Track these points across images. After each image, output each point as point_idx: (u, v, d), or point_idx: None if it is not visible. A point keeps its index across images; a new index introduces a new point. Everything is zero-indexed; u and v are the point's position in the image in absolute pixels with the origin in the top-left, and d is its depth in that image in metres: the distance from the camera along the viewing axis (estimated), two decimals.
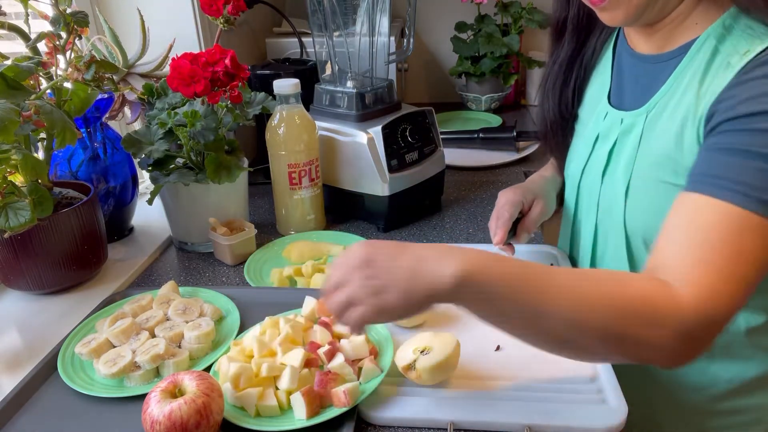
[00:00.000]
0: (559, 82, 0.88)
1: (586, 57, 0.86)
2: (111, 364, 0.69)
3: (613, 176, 0.77)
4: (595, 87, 0.85)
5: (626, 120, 0.75)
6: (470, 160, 1.39)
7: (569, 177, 0.89)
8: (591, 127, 0.83)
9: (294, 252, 0.97)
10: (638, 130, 0.73)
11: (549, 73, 0.89)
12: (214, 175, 0.91)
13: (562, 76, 0.87)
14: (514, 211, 0.86)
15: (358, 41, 1.05)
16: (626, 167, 0.74)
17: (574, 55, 0.86)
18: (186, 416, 0.57)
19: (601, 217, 0.81)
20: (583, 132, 0.86)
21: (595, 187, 0.81)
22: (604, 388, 0.66)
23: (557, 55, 0.87)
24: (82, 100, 0.87)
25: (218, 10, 0.96)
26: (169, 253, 1.05)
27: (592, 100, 0.85)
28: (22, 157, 0.78)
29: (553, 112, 0.89)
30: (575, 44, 0.85)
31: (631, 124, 0.75)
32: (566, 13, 0.83)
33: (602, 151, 0.79)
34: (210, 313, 0.79)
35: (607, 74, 0.82)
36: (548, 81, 0.89)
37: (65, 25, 0.84)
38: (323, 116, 1.08)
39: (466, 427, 0.62)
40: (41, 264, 0.85)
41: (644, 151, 0.72)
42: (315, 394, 0.63)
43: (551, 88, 0.89)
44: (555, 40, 0.87)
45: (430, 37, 1.94)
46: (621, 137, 0.76)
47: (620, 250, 0.77)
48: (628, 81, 0.78)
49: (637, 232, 0.74)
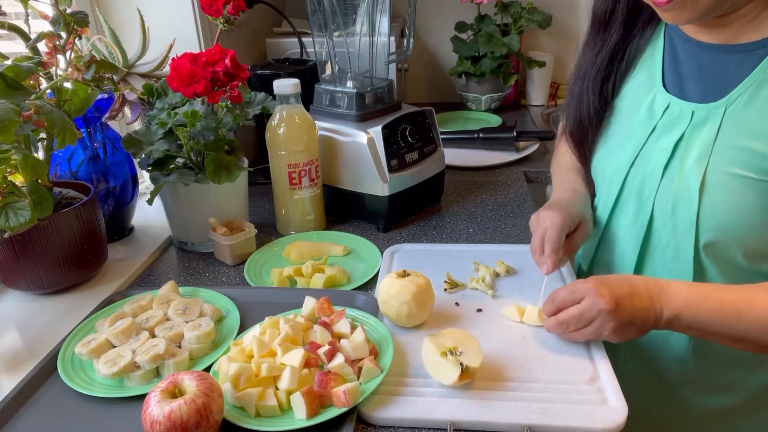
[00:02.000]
0: (601, 74, 0.84)
1: (633, 48, 0.83)
2: (111, 364, 0.69)
3: (680, 171, 0.73)
4: (641, 76, 0.81)
5: (699, 112, 0.72)
6: (470, 160, 1.39)
7: (608, 174, 0.84)
8: (642, 118, 0.79)
9: (294, 252, 0.97)
10: (715, 123, 0.70)
11: (589, 66, 0.85)
12: (214, 175, 0.91)
13: (605, 67, 0.84)
14: (563, 236, 0.80)
15: (358, 41, 1.05)
16: (699, 162, 0.71)
17: (618, 47, 0.83)
18: (186, 416, 0.57)
19: (659, 214, 0.77)
20: (627, 123, 0.82)
21: (652, 183, 0.77)
22: (604, 388, 0.66)
23: (600, 46, 0.83)
24: (82, 100, 0.87)
25: (218, 10, 0.96)
26: (169, 253, 1.05)
27: (636, 90, 0.82)
28: (22, 157, 0.78)
29: (592, 106, 0.85)
30: (622, 35, 0.82)
31: (705, 116, 0.71)
32: (615, 5, 0.81)
33: (663, 144, 0.75)
34: (210, 313, 0.79)
35: (657, 63, 0.79)
36: (588, 73, 0.85)
37: (65, 25, 0.84)
38: (323, 116, 1.08)
39: (466, 427, 0.62)
40: (41, 264, 0.85)
41: (723, 145, 0.69)
42: (315, 394, 0.63)
43: (592, 80, 0.85)
44: (598, 31, 0.84)
45: (430, 37, 1.94)
46: (691, 130, 0.73)
47: (684, 249, 0.75)
48: (689, 70, 0.75)
49: (710, 229, 0.72)
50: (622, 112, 0.83)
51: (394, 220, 1.08)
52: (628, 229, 0.82)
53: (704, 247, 0.73)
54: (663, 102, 0.77)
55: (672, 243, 0.76)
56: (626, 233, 0.82)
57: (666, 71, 0.78)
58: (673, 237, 0.75)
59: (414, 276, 0.77)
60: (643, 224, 0.79)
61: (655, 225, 0.78)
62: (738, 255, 0.71)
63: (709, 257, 0.73)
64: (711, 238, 0.72)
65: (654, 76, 0.79)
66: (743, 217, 0.68)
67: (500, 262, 0.90)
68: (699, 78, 0.74)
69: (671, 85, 0.77)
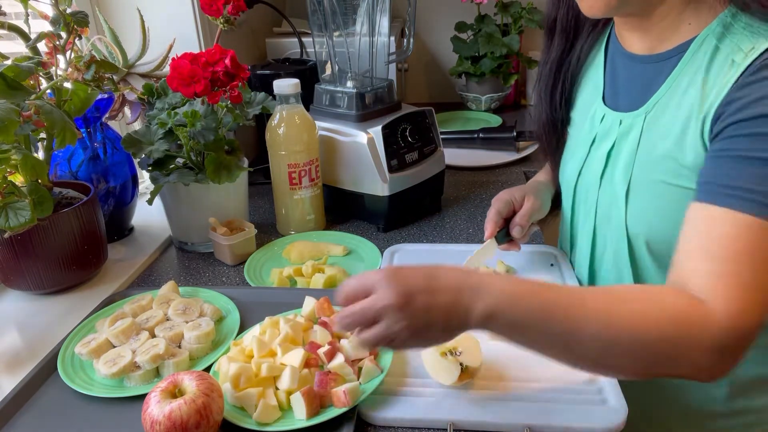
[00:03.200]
0: (550, 84, 0.87)
1: (573, 60, 0.85)
2: (111, 364, 0.69)
3: (612, 178, 0.76)
4: (588, 89, 0.84)
5: (625, 121, 0.75)
6: (470, 160, 1.39)
7: (565, 180, 0.89)
8: (586, 130, 0.82)
9: (294, 252, 0.97)
10: (637, 131, 0.73)
11: (540, 75, 0.89)
12: (214, 175, 0.91)
13: (552, 77, 0.87)
14: (502, 207, 0.87)
15: (358, 41, 1.05)
16: (626, 169, 0.74)
17: (563, 57, 0.86)
18: (186, 416, 0.57)
19: (600, 220, 0.80)
20: (577, 135, 0.86)
21: (593, 190, 0.80)
22: (604, 388, 0.66)
23: (548, 56, 0.87)
24: (82, 100, 0.87)
25: (218, 10, 0.96)
26: (169, 253, 1.05)
27: (584, 103, 0.85)
28: (22, 157, 0.78)
29: (545, 114, 0.89)
30: (564, 45, 0.85)
31: (630, 125, 0.74)
32: (556, 13, 0.83)
33: (600, 153, 0.78)
34: (210, 313, 0.79)
35: (600, 76, 0.82)
36: (540, 82, 0.89)
37: (65, 25, 0.84)
38: (323, 116, 1.08)
39: (466, 427, 0.62)
40: (41, 264, 0.85)
41: (644, 152, 0.72)
42: (315, 394, 0.63)
43: (543, 89, 0.88)
44: (547, 40, 0.87)
45: (430, 37, 1.94)
46: (620, 139, 0.75)
47: (621, 252, 0.77)
48: (623, 81, 0.78)
49: (639, 234, 0.74)
50: (576, 122, 0.87)
51: (394, 220, 1.08)
52: (581, 234, 0.86)
53: (637, 251, 0.75)
54: (600, 113, 0.80)
55: (610, 248, 0.79)
56: (581, 238, 0.86)
57: (606, 83, 0.81)
58: (611, 242, 0.79)
59: None
60: (590, 230, 0.82)
61: (597, 230, 0.81)
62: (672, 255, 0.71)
63: (645, 260, 0.75)
64: (640, 242, 0.74)
65: (597, 88, 0.82)
66: (667, 220, 0.69)
67: (500, 262, 0.90)
68: (630, 88, 0.76)
69: (608, 97, 0.80)
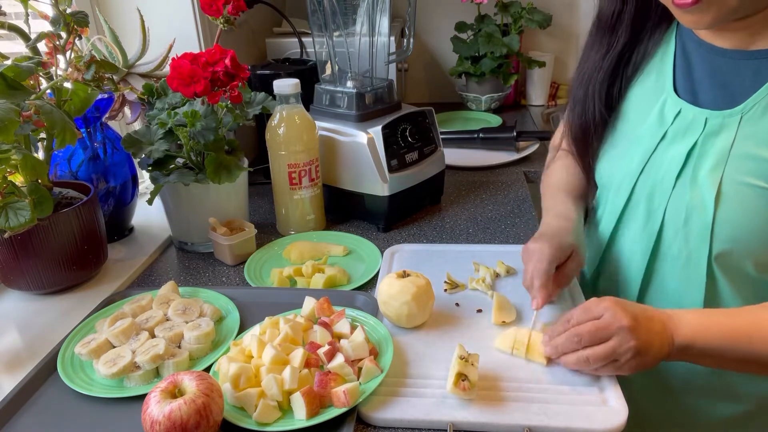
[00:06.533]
0: (607, 79, 0.81)
1: (640, 52, 0.80)
2: (111, 365, 0.69)
3: (694, 180, 0.71)
4: (650, 81, 0.79)
5: (713, 120, 0.70)
6: (470, 160, 1.39)
7: (611, 182, 0.83)
8: (650, 124, 0.77)
9: (294, 252, 0.97)
10: (731, 132, 0.68)
11: (594, 70, 0.82)
12: (214, 175, 0.91)
13: (611, 72, 0.81)
14: (552, 269, 0.76)
15: (358, 41, 1.05)
16: (714, 171, 0.69)
17: (625, 50, 0.80)
18: (186, 416, 0.57)
19: (669, 222, 0.75)
20: (635, 130, 0.79)
21: (662, 192, 0.75)
22: (604, 389, 0.66)
23: (606, 49, 0.81)
24: (82, 100, 0.87)
25: (218, 10, 0.96)
26: (169, 253, 1.05)
27: (645, 96, 0.79)
28: (22, 157, 0.78)
29: (598, 112, 0.82)
30: (629, 38, 0.80)
31: (720, 124, 0.69)
32: (623, 6, 0.78)
33: (675, 153, 0.73)
34: (210, 313, 0.79)
35: (668, 67, 0.77)
36: (592, 78, 0.82)
37: (65, 25, 0.84)
38: (323, 116, 1.08)
39: (466, 428, 0.62)
40: (41, 264, 0.85)
41: (739, 155, 0.68)
42: (315, 394, 0.63)
43: (597, 85, 0.82)
44: (604, 33, 0.81)
45: (430, 37, 1.94)
46: (705, 138, 0.71)
47: (697, 257, 0.73)
48: (702, 75, 0.73)
49: (724, 240, 0.70)
50: (629, 117, 0.81)
51: (394, 220, 1.08)
52: (635, 238, 0.80)
53: (716, 258, 0.72)
54: (674, 107, 0.75)
55: (683, 253, 0.74)
56: (633, 242, 0.81)
57: (677, 76, 0.76)
58: (685, 247, 0.74)
59: (414, 276, 0.77)
60: (653, 233, 0.77)
61: (665, 234, 0.76)
62: (749, 265, 0.70)
63: (720, 267, 0.72)
64: (724, 248, 0.71)
65: (665, 80, 0.77)
66: (757, 227, 0.67)
67: (500, 263, 0.90)
68: (712, 84, 0.72)
69: (683, 91, 0.75)
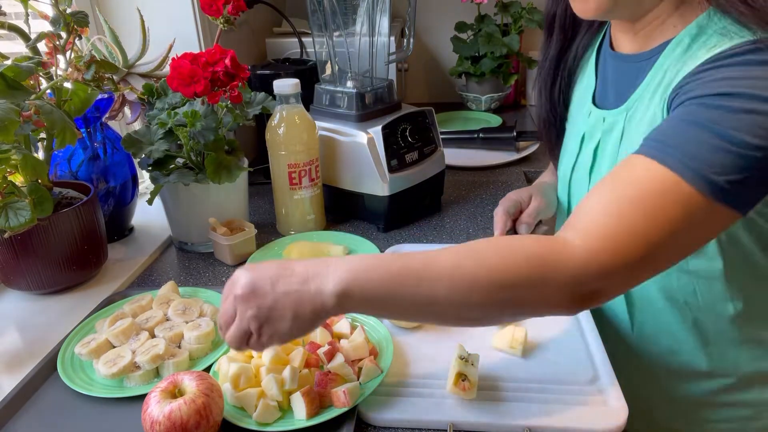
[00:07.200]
0: (549, 80, 0.89)
1: (570, 57, 0.87)
2: (111, 365, 0.69)
3: (599, 174, 0.79)
4: (582, 87, 0.86)
5: (608, 119, 0.77)
6: (470, 160, 1.39)
7: (561, 175, 0.91)
8: (579, 126, 0.84)
9: (294, 252, 0.97)
10: (619, 128, 0.74)
11: (540, 71, 0.90)
12: (214, 175, 0.91)
13: (551, 74, 0.89)
14: (510, 206, 0.89)
15: (358, 41, 1.05)
16: (610, 165, 0.76)
17: (560, 54, 0.87)
18: (186, 416, 0.57)
19: None
20: (572, 131, 0.88)
21: (584, 185, 0.82)
22: (604, 389, 0.66)
23: (547, 52, 0.88)
24: (82, 100, 0.87)
25: (218, 10, 0.96)
26: (169, 253, 1.05)
27: (580, 100, 0.87)
28: (22, 157, 0.78)
29: (545, 110, 0.91)
30: (562, 42, 0.86)
31: (613, 122, 0.76)
32: (555, 8, 0.84)
33: (589, 150, 0.81)
34: (210, 313, 0.79)
35: (592, 75, 0.84)
36: (539, 79, 0.91)
37: (65, 25, 0.84)
38: (323, 116, 1.08)
39: (466, 428, 0.62)
40: (41, 264, 0.85)
41: (626, 148, 0.73)
42: (315, 394, 0.63)
43: (543, 85, 0.90)
44: (546, 36, 0.88)
45: (430, 37, 1.93)
46: (604, 136, 0.78)
47: None
48: (611, 81, 0.80)
49: None
50: (572, 119, 0.89)
51: (394, 220, 1.08)
52: None
53: None
54: (588, 110, 0.82)
55: None
56: None
57: (598, 84, 0.82)
58: None
59: None
60: None
61: None
62: None
63: None
64: None
65: (589, 87, 0.84)
66: None
67: None
68: (616, 87, 0.78)
69: (599, 96, 0.82)
